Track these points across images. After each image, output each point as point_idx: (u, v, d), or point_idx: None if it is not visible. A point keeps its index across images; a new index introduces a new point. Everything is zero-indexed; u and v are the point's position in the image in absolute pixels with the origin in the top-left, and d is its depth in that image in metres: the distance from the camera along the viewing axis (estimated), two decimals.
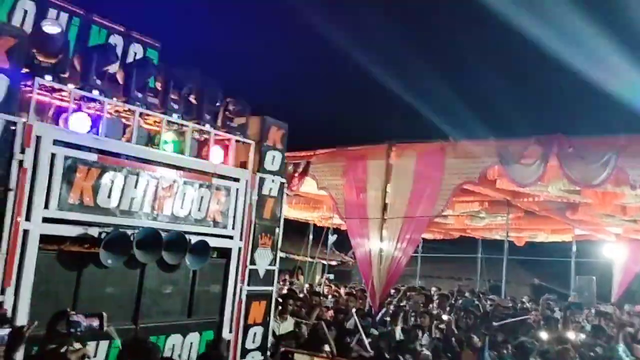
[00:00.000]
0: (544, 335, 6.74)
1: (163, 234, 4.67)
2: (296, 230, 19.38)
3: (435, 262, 21.20)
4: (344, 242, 16.28)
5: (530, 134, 7.96)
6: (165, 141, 5.03)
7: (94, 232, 4.31)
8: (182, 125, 5.20)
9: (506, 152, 7.92)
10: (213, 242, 5.25)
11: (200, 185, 5.21)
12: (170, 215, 4.94)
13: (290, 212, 16.27)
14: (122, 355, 4.04)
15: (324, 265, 20.31)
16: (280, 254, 20.01)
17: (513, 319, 8.15)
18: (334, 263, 22.36)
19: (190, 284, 5.25)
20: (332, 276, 20.82)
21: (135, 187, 4.64)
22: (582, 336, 7.40)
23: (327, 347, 6.05)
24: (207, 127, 5.42)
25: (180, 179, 5.02)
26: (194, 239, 4.98)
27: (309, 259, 18.39)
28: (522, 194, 10.66)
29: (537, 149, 7.70)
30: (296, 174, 9.68)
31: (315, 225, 17.40)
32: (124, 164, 4.58)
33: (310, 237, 18.04)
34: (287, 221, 17.93)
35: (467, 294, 13.99)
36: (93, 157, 4.36)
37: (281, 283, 14.69)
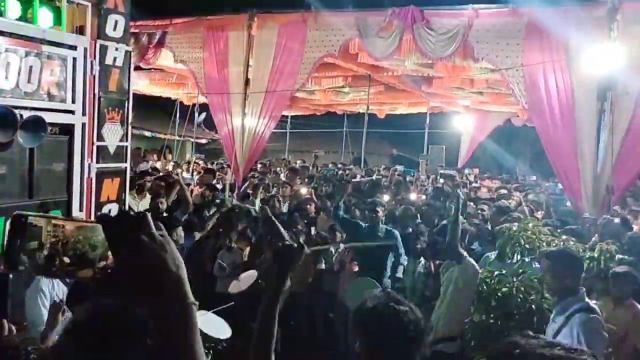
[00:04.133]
0: (385, 197, 7.37)
1: None
2: (162, 108, 18.57)
3: (304, 138, 21.81)
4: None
5: (388, 6, 8.00)
6: None
7: None
8: None
9: (365, 24, 7.94)
10: (50, 118, 4.79)
11: (27, 54, 4.59)
12: None
13: (153, 89, 15.41)
14: None
15: (193, 144, 19.96)
16: (146, 133, 19.13)
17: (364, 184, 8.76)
18: (204, 141, 22.06)
19: (28, 164, 4.83)
20: (202, 155, 20.65)
21: None
22: (423, 197, 8.22)
23: None
24: None
25: (1, 46, 4.37)
26: (25, 114, 4.50)
27: (177, 138, 17.88)
28: (382, 69, 10.98)
29: (394, 21, 7.81)
30: (151, 45, 8.94)
31: (182, 103, 16.72)
32: None
33: (177, 115, 17.37)
34: (152, 98, 17.11)
35: (330, 165, 14.70)
36: None
37: (151, 162, 14.26)
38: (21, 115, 4.44)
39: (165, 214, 6.53)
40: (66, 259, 0.76)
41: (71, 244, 0.76)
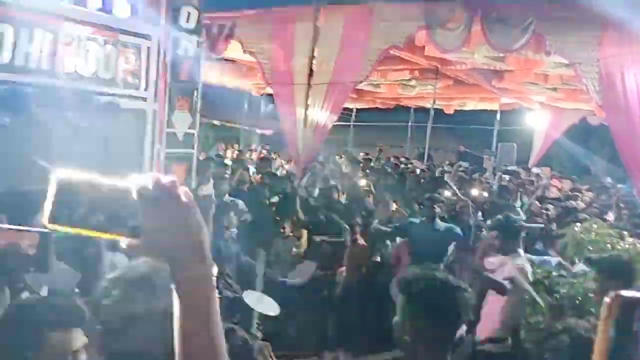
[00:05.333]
0: (447, 192, 7.25)
1: (66, 93, 4.47)
2: (232, 99, 19.09)
3: (369, 131, 21.69)
4: None
5: None
6: None
7: None
8: None
9: (432, 15, 7.80)
10: (124, 104, 5.10)
11: (106, 42, 4.90)
12: (74, 73, 4.68)
13: (223, 79, 15.85)
14: None
15: (261, 134, 20.38)
16: (215, 122, 19.74)
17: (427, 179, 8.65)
18: (270, 132, 22.46)
19: (104, 146, 5.16)
20: (268, 145, 21.07)
21: (30, 41, 4.31)
22: (486, 194, 8.02)
23: None
24: None
25: (82, 34, 4.69)
26: (102, 99, 4.82)
27: (245, 128, 18.33)
28: (450, 62, 10.73)
29: (463, 12, 7.62)
30: (221, 36, 9.22)
31: (251, 94, 17.08)
32: (14, 15, 4.20)
33: (246, 105, 17.79)
34: (221, 89, 17.62)
35: (392, 159, 14.58)
36: None
37: (221, 152, 14.78)
38: (98, 101, 4.76)
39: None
40: (101, 217, 0.84)
41: (106, 203, 0.84)
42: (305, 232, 6.44)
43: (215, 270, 0.91)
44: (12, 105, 4.12)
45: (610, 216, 6.96)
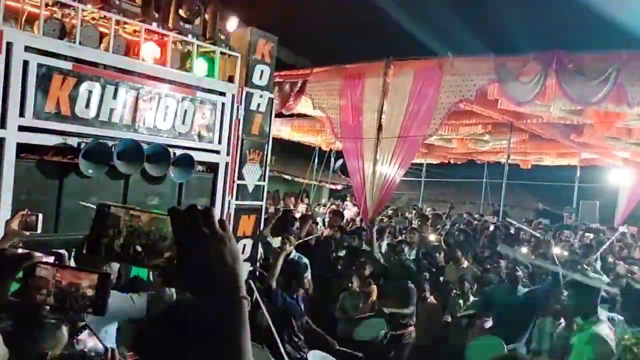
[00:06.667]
0: (523, 249, 6.85)
1: (145, 146, 4.71)
2: (302, 154, 19.49)
3: (440, 187, 21.29)
4: None
5: (530, 51, 7.67)
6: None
7: (73, 142, 4.35)
8: (163, 35, 5.08)
9: (504, 68, 7.69)
10: (199, 156, 5.30)
11: (184, 98, 5.17)
12: (152, 127, 4.94)
13: (294, 135, 16.28)
14: None
15: (330, 189, 20.51)
16: (286, 177, 20.14)
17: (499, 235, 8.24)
18: (339, 187, 22.61)
19: (177, 197, 5.35)
20: (338, 201, 21.13)
21: (114, 97, 4.62)
22: (566, 254, 7.51)
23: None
24: (190, 37, 5.31)
25: (162, 91, 4.98)
26: (178, 152, 5.03)
27: (314, 183, 18.54)
28: (525, 115, 10.47)
29: (536, 65, 7.45)
30: (292, 93, 9.54)
31: (320, 149, 17.36)
32: (101, 74, 4.54)
33: (316, 160, 18.05)
34: (293, 144, 18.03)
35: (465, 215, 14.13)
36: (68, 65, 4.31)
37: (291, 206, 14.94)
38: (174, 154, 4.98)
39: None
40: (138, 248, 0.83)
41: (144, 234, 0.83)
42: (375, 288, 6.26)
43: (248, 306, 0.87)
44: (96, 157, 4.38)
45: None
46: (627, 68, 6.75)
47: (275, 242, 7.51)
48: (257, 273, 6.12)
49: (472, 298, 6.07)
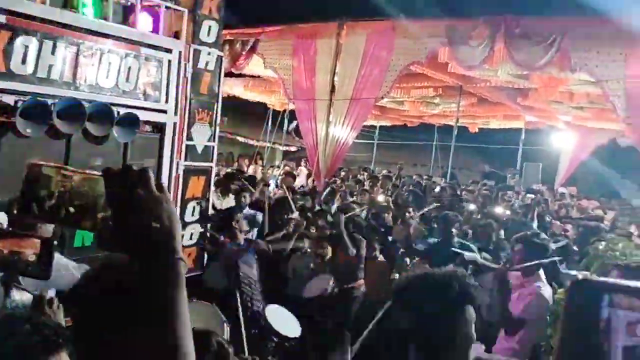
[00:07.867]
0: (471, 206, 7.09)
1: (86, 105, 4.53)
2: (255, 115, 19.24)
3: (392, 150, 21.57)
4: None
5: (480, 15, 7.76)
6: (85, 4, 4.69)
7: (9, 99, 4.14)
8: None
9: (454, 31, 7.75)
10: (144, 116, 5.15)
11: (127, 55, 4.97)
12: (95, 84, 4.75)
13: (247, 94, 16.00)
14: None
15: (283, 151, 20.43)
16: (239, 138, 19.83)
17: (447, 197, 8.52)
18: (293, 149, 22.56)
19: (122, 158, 5.20)
20: (292, 162, 21.12)
21: (53, 53, 4.39)
22: (508, 212, 7.85)
23: None
24: None
25: (104, 47, 4.76)
26: (122, 111, 4.87)
27: (268, 144, 18.40)
28: (474, 79, 10.65)
29: (485, 29, 7.56)
30: (244, 52, 9.33)
31: (274, 110, 17.14)
32: (38, 28, 4.29)
33: (269, 122, 17.85)
34: (245, 104, 17.70)
35: (414, 177, 14.45)
36: (2, 18, 4.05)
37: (244, 167, 14.82)
38: (118, 112, 4.81)
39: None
40: (71, 209, 0.80)
41: (77, 194, 0.81)
42: (330, 248, 6.35)
43: (185, 268, 0.86)
44: (34, 116, 4.19)
45: (634, 230, 6.72)
46: (571, 33, 6.93)
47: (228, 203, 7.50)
48: (209, 234, 6.10)
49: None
